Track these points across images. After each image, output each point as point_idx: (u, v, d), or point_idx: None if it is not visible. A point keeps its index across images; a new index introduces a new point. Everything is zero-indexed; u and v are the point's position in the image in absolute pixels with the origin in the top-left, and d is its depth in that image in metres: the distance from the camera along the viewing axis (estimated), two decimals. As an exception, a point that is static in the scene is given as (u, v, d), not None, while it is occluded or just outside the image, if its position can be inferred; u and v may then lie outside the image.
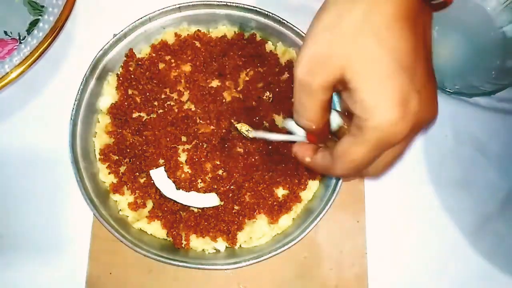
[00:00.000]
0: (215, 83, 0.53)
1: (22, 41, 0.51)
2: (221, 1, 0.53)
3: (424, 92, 0.32)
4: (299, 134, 0.38)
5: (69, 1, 0.50)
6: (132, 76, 0.53)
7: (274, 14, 0.52)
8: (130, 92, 0.53)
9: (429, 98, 0.33)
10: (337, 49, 0.32)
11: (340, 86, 0.33)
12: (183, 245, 0.49)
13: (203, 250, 0.50)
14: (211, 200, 0.49)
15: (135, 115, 0.52)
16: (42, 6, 0.52)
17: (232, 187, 0.50)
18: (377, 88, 0.31)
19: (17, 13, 0.53)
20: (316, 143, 0.38)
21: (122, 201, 0.51)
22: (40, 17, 0.51)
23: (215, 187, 0.50)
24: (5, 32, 0.53)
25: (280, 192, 0.51)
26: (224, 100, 0.53)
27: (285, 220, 0.50)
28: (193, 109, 0.52)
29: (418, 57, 0.32)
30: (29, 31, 0.51)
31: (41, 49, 0.49)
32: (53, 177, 0.53)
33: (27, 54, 0.49)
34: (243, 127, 0.48)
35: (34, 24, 0.51)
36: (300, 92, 0.34)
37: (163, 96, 0.52)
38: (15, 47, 0.51)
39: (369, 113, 0.31)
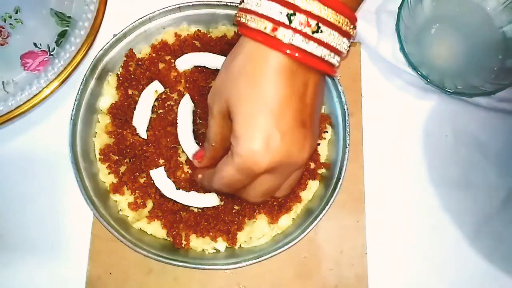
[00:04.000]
0: (215, 83, 0.53)
1: (52, 53, 0.52)
2: (221, 1, 0.53)
3: (291, 136, 0.38)
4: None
5: (99, 14, 0.51)
6: (132, 76, 0.53)
7: (274, 14, 0.52)
8: (130, 92, 0.53)
9: (297, 143, 0.38)
10: (225, 85, 0.40)
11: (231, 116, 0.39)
12: (183, 245, 0.49)
13: (203, 250, 0.50)
14: (211, 200, 0.49)
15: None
16: (69, 17, 0.52)
17: (232, 187, 0.50)
18: (245, 123, 0.37)
19: (45, 25, 0.53)
20: (202, 160, 0.47)
21: (122, 201, 0.51)
22: (67, 28, 0.52)
23: (215, 187, 0.50)
24: (35, 44, 0.53)
25: (280, 192, 0.51)
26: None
27: (285, 220, 0.50)
28: (193, 109, 0.52)
29: (288, 106, 0.37)
30: (57, 42, 0.52)
31: (75, 62, 0.50)
32: (53, 177, 0.53)
33: (61, 69, 0.50)
34: None
35: (62, 35, 0.52)
36: (209, 115, 0.43)
37: (163, 96, 0.52)
38: (46, 59, 0.52)
39: (235, 141, 0.38)
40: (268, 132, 0.37)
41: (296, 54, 0.36)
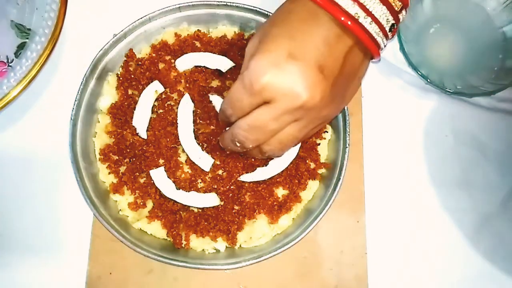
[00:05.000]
0: (215, 83, 0.53)
1: (10, 64, 0.52)
2: (221, 1, 0.53)
3: (303, 68, 0.36)
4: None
5: (57, 27, 0.50)
6: (132, 76, 0.53)
7: (274, 14, 0.52)
8: (130, 92, 0.53)
9: (306, 78, 0.36)
10: (264, 28, 0.39)
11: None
12: (183, 245, 0.49)
13: (203, 250, 0.50)
14: (211, 200, 0.49)
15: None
16: (29, 29, 0.52)
17: (232, 187, 0.50)
18: (266, 41, 0.37)
19: (4, 36, 0.53)
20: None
21: (122, 201, 0.51)
22: (27, 39, 0.52)
23: (215, 187, 0.50)
24: None
25: (280, 192, 0.51)
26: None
27: (285, 220, 0.50)
28: (193, 109, 0.52)
29: (316, 53, 0.36)
30: (16, 54, 0.52)
31: (31, 75, 0.50)
32: (53, 177, 0.53)
33: (18, 80, 0.49)
34: None
35: (21, 47, 0.52)
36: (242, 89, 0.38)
37: (163, 96, 0.52)
38: (4, 69, 0.52)
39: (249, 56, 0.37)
40: (284, 51, 0.35)
41: (349, 23, 0.36)
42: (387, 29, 0.38)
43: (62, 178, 0.52)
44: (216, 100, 0.52)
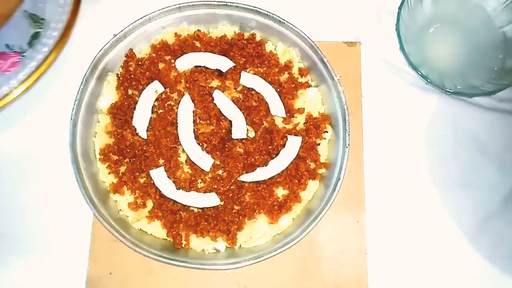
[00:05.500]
0: (215, 83, 0.53)
1: (24, 54, 0.52)
2: (221, 1, 0.53)
3: None
4: None
5: (72, 17, 0.51)
6: (132, 76, 0.53)
7: (274, 14, 0.52)
8: (130, 92, 0.53)
9: None
10: None
11: None
12: (183, 245, 0.49)
13: (203, 250, 0.50)
14: (211, 200, 0.49)
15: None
16: (42, 19, 0.52)
17: (232, 187, 0.50)
18: None
19: (18, 26, 0.53)
20: None
21: (122, 201, 0.51)
22: (40, 29, 0.52)
23: (215, 187, 0.50)
24: (7, 45, 0.53)
25: (280, 192, 0.51)
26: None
27: (285, 220, 0.50)
28: (193, 109, 0.52)
29: None
30: (30, 43, 0.52)
31: (47, 64, 0.50)
32: (53, 177, 0.53)
33: (33, 69, 0.50)
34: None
35: (35, 37, 0.52)
36: None
37: (163, 96, 0.52)
38: (18, 60, 0.52)
39: None
40: None
41: None
42: None
43: (62, 178, 0.52)
44: (218, 97, 0.52)
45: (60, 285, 0.51)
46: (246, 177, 0.50)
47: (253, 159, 0.50)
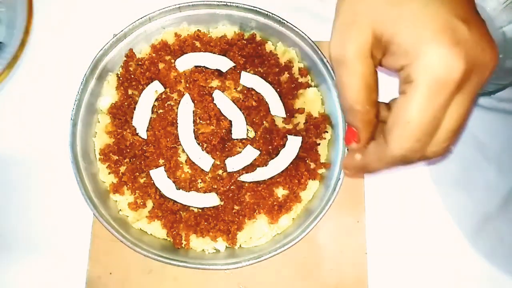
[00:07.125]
0: (215, 83, 0.53)
1: None
2: (221, 1, 0.53)
3: (474, 22, 0.28)
4: None
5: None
6: (132, 76, 0.53)
7: (274, 14, 0.52)
8: (130, 92, 0.53)
9: (481, 32, 0.28)
10: (360, 9, 0.30)
11: (378, 52, 0.30)
12: (183, 245, 0.49)
13: (203, 250, 0.50)
14: (211, 200, 0.49)
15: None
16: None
17: (232, 187, 0.50)
18: (412, 24, 0.28)
19: None
20: (359, 139, 0.34)
21: (122, 201, 0.51)
22: None
23: (215, 187, 0.50)
24: None
25: (280, 192, 0.51)
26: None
27: (285, 220, 0.50)
28: (193, 109, 0.52)
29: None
30: None
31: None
32: (53, 178, 0.53)
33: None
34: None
35: None
36: (338, 70, 0.31)
37: (163, 96, 0.52)
38: None
39: (411, 53, 0.28)
40: (447, 21, 0.27)
41: None
42: None
43: (62, 178, 0.52)
44: (218, 97, 0.52)
45: (60, 285, 0.51)
46: (246, 177, 0.50)
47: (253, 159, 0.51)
